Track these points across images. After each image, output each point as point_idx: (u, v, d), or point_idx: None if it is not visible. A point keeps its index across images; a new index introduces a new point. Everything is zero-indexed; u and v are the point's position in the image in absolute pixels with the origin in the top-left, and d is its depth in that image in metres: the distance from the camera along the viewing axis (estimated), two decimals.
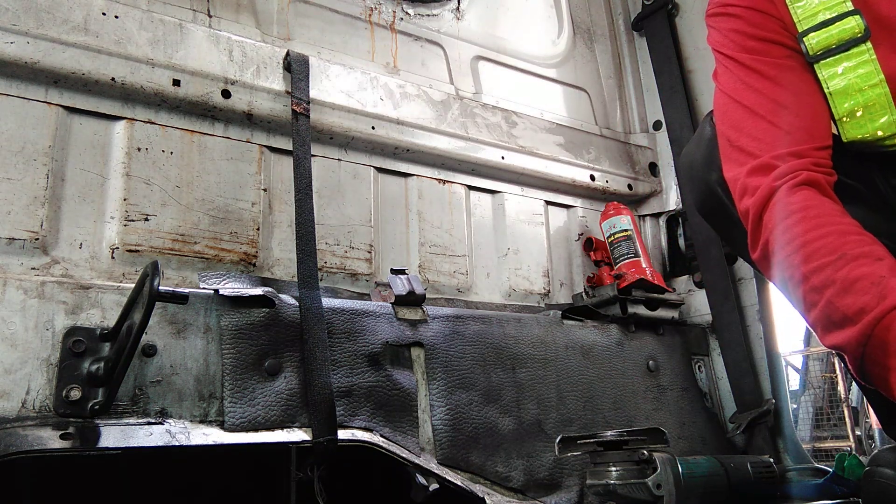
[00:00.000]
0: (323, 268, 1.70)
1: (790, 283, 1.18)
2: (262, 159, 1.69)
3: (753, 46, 1.36)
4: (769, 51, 1.35)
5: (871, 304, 1.02)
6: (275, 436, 1.32)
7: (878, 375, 1.04)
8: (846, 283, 1.07)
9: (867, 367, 1.05)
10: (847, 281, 1.07)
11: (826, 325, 1.11)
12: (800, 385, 10.12)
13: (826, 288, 1.09)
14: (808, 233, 1.15)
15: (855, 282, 1.06)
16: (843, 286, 1.07)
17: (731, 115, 1.35)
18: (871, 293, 1.03)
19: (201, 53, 1.61)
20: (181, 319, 1.33)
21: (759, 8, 1.36)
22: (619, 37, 2.66)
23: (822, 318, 1.11)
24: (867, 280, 1.05)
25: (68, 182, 1.43)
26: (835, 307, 1.08)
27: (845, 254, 1.09)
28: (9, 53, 1.36)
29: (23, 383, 1.16)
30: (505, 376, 1.71)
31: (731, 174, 1.32)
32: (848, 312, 1.05)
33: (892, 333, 0.99)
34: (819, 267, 1.11)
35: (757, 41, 1.36)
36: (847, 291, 1.06)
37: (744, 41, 1.37)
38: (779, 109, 1.30)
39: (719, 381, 2.17)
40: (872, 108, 1.26)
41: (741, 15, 1.38)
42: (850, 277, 1.07)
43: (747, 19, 1.37)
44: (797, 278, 1.15)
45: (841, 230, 1.14)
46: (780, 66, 1.33)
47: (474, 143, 2.04)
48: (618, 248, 2.15)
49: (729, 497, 1.52)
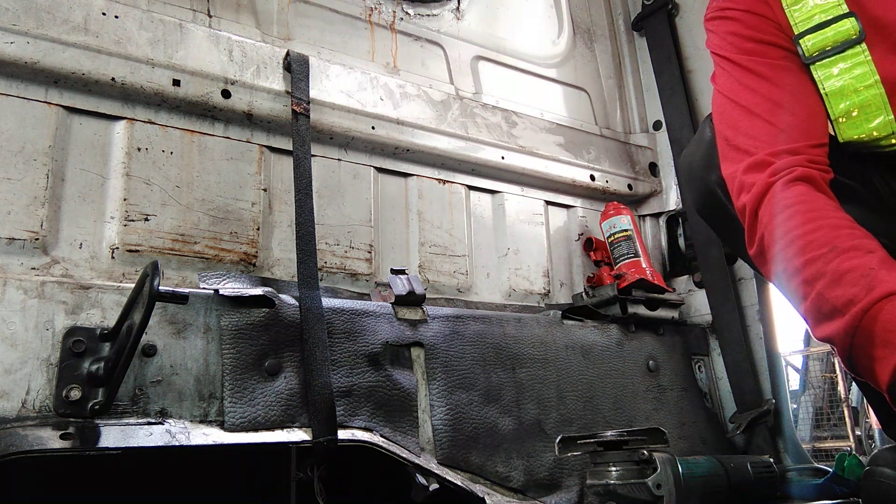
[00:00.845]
0: (323, 268, 1.70)
1: (784, 277, 1.19)
2: (262, 159, 1.69)
3: (750, 48, 1.38)
4: (765, 52, 1.36)
5: (859, 296, 1.03)
6: (275, 436, 1.32)
7: (864, 366, 1.04)
8: (836, 276, 1.07)
9: (855, 358, 1.05)
10: (837, 273, 1.08)
11: (817, 317, 1.12)
12: (800, 385, 10.13)
13: (817, 280, 1.10)
14: (802, 226, 1.16)
15: (844, 274, 1.07)
16: (833, 278, 1.08)
17: (729, 116, 1.37)
18: (859, 285, 1.04)
19: (201, 53, 1.61)
20: (181, 319, 1.33)
21: (756, 11, 1.38)
22: (619, 37, 2.67)
23: (813, 310, 1.12)
24: (856, 272, 1.06)
25: (68, 182, 1.43)
26: (825, 299, 1.08)
27: (836, 246, 1.10)
28: (9, 53, 1.36)
29: (23, 383, 1.16)
30: (505, 376, 1.71)
31: (728, 172, 1.33)
32: (837, 304, 1.06)
33: (879, 324, 1.00)
34: (811, 259, 1.12)
35: (754, 43, 1.37)
36: (837, 283, 1.07)
37: (741, 43, 1.39)
38: (775, 108, 1.31)
39: (719, 381, 2.17)
40: (868, 109, 1.27)
41: (738, 18, 1.40)
42: (840, 270, 1.08)
43: (744, 22, 1.39)
44: (790, 271, 1.16)
45: (834, 224, 1.15)
46: (776, 66, 1.34)
47: (474, 143, 2.04)
48: (618, 248, 2.15)
49: (729, 497, 1.52)
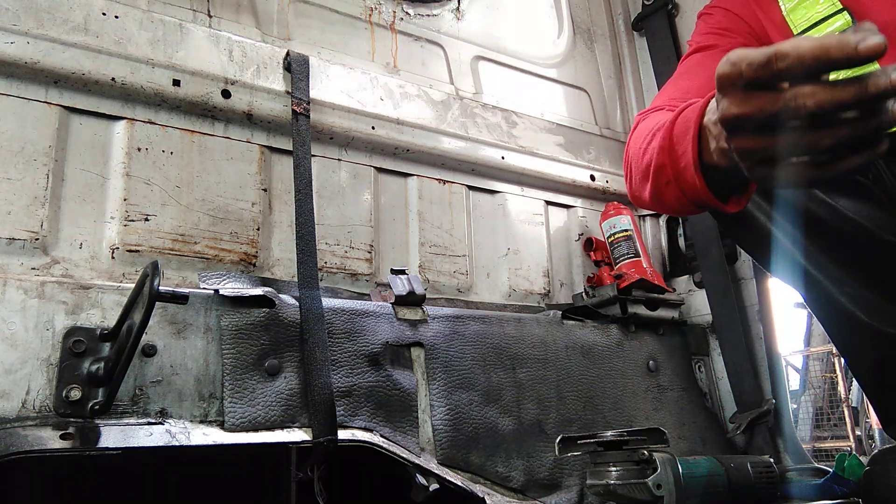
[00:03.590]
0: (323, 268, 1.70)
1: (639, 183, 1.22)
2: (262, 159, 1.69)
3: (709, 32, 1.51)
4: (720, 35, 1.48)
5: (665, 124, 1.08)
6: (275, 436, 1.32)
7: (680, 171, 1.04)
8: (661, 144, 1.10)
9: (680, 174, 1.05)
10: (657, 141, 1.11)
11: (657, 189, 1.14)
12: (800, 385, 10.14)
13: (648, 167, 1.14)
14: (646, 137, 1.19)
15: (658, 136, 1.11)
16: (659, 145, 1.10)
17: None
18: (667, 118, 1.08)
19: (201, 53, 1.61)
20: (181, 319, 1.33)
21: (734, 10, 1.50)
22: (619, 37, 2.67)
23: (653, 188, 1.15)
24: (662, 128, 1.09)
25: (68, 182, 1.43)
26: (655, 167, 1.11)
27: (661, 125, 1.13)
28: (9, 53, 1.36)
29: (23, 383, 1.16)
30: (505, 376, 1.71)
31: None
32: (655, 159, 1.10)
33: (677, 125, 1.03)
34: (647, 152, 1.16)
35: (716, 30, 1.50)
36: (656, 150, 1.11)
37: (706, 30, 1.53)
38: (687, 75, 1.43)
39: (719, 381, 2.17)
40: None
41: (713, 13, 1.55)
42: (655, 143, 1.12)
43: (717, 17, 1.53)
44: (641, 175, 1.20)
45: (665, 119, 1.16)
46: (719, 46, 1.45)
47: (474, 143, 2.04)
48: (618, 248, 2.15)
49: (729, 497, 1.52)
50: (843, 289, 1.28)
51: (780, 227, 1.29)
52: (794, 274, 1.33)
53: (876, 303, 1.26)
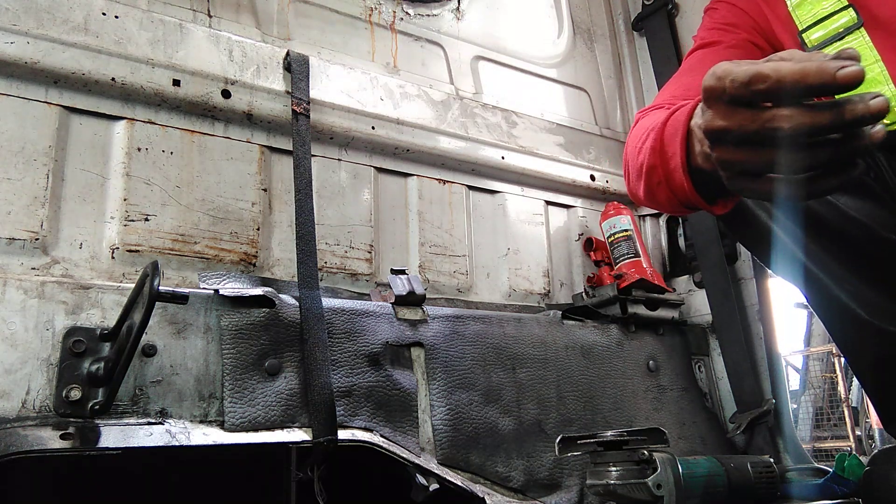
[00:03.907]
0: (323, 268, 1.70)
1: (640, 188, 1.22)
2: (262, 159, 1.69)
3: (714, 28, 1.50)
4: (724, 31, 1.48)
5: (656, 126, 1.08)
6: (275, 436, 1.32)
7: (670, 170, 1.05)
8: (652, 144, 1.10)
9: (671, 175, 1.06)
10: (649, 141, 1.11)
11: (650, 188, 1.14)
12: (800, 385, 10.14)
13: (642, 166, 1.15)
14: (641, 136, 1.19)
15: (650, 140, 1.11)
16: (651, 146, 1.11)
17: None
18: (659, 119, 1.09)
19: (201, 53, 1.61)
20: (181, 319, 1.33)
21: (739, 5, 1.49)
22: (619, 37, 2.67)
23: (646, 188, 1.15)
24: (654, 129, 1.10)
25: (68, 182, 1.42)
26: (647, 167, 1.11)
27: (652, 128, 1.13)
28: (9, 53, 1.36)
29: (23, 383, 1.16)
30: (505, 376, 1.71)
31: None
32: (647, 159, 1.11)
33: (667, 128, 1.03)
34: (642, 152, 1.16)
35: (720, 26, 1.49)
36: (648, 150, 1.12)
37: (710, 25, 1.52)
38: (688, 73, 1.43)
39: (719, 381, 2.17)
40: (870, 85, 1.28)
41: (718, 8, 1.54)
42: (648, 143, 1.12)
43: (722, 12, 1.52)
44: (635, 173, 1.20)
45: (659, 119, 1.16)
46: (723, 42, 1.45)
47: (474, 143, 2.04)
48: (618, 248, 2.15)
49: (729, 497, 1.52)
50: (844, 286, 1.28)
51: (781, 225, 1.29)
52: (794, 272, 1.33)
53: (877, 301, 1.26)
